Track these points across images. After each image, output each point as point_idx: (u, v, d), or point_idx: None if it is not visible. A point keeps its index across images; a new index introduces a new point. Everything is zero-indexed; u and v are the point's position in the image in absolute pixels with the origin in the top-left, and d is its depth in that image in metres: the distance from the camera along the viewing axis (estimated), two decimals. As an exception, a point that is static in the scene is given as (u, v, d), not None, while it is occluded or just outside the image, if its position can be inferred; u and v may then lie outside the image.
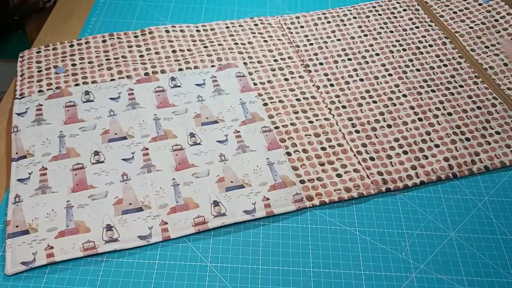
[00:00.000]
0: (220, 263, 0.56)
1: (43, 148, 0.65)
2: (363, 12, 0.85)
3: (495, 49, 0.78)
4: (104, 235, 0.57)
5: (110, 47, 0.79)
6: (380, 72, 0.75)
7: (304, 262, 0.56)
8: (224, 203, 0.60)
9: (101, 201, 0.60)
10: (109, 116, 0.69)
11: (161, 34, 0.81)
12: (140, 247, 0.57)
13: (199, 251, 0.57)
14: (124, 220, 0.58)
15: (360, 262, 0.56)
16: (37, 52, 0.78)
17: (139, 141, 0.66)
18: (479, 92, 0.73)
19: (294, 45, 0.80)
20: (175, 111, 0.70)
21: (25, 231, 0.57)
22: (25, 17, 1.04)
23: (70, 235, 0.57)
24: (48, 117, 0.69)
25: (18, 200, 0.60)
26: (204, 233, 0.58)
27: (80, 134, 0.67)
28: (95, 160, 0.64)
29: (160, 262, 0.56)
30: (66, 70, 0.75)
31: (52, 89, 0.73)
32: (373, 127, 0.68)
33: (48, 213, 0.58)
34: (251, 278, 0.54)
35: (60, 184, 0.61)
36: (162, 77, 0.75)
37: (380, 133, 0.67)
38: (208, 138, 0.67)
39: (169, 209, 0.59)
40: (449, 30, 0.81)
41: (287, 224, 0.59)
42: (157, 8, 0.89)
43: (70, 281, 0.54)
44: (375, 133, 0.67)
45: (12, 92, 0.74)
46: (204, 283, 0.54)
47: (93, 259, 0.56)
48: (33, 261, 0.54)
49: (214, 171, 0.63)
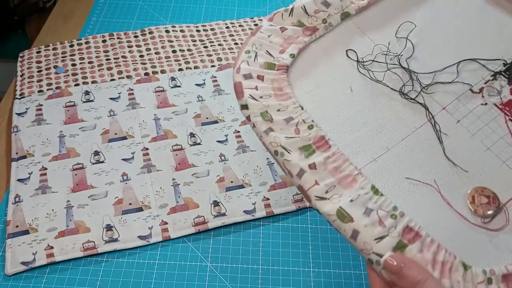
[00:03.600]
0: (220, 263, 0.56)
1: (43, 148, 0.65)
2: (364, 12, 0.85)
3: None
4: (104, 235, 0.57)
5: (110, 47, 0.79)
6: (380, 72, 0.75)
7: (304, 262, 0.56)
8: (224, 203, 0.60)
9: (101, 201, 0.60)
10: (109, 116, 0.69)
11: (161, 34, 0.81)
12: (140, 247, 0.57)
13: (199, 251, 0.57)
14: (124, 220, 0.58)
15: (360, 262, 0.56)
16: (37, 52, 0.78)
17: (139, 141, 0.66)
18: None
19: (295, 45, 0.79)
20: (175, 111, 0.70)
21: (25, 231, 0.57)
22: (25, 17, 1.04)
23: (70, 235, 0.57)
24: (48, 117, 0.69)
25: (18, 200, 0.60)
26: (204, 233, 0.58)
27: (80, 134, 0.67)
28: (95, 160, 0.64)
29: (160, 262, 0.55)
30: (66, 70, 0.75)
31: (52, 89, 0.73)
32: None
33: (48, 213, 0.58)
34: (251, 278, 0.54)
35: (60, 184, 0.61)
36: (162, 77, 0.75)
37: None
38: (208, 138, 0.67)
39: (169, 209, 0.59)
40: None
41: (287, 224, 0.59)
42: (157, 8, 0.89)
43: (70, 281, 0.54)
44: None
45: (12, 92, 0.73)
46: (204, 283, 0.54)
47: (93, 259, 0.56)
48: (33, 261, 0.54)
49: (214, 171, 0.63)
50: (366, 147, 0.41)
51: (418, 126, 0.42)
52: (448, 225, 0.38)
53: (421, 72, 0.44)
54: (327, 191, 0.38)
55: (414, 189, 0.39)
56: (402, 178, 0.40)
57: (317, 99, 0.43)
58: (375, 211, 0.37)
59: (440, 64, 0.44)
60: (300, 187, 0.39)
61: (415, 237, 0.36)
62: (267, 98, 0.42)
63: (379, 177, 0.39)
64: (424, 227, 0.37)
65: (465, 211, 0.38)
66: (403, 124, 0.42)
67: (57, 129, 0.67)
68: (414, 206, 0.38)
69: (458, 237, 0.37)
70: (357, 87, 0.44)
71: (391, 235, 0.36)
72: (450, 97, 0.43)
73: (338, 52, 0.46)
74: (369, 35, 0.47)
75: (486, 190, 0.39)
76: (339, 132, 0.41)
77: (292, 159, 0.39)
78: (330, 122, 0.42)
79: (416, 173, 0.40)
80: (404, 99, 0.43)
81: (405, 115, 0.43)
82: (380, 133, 0.42)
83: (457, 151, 0.41)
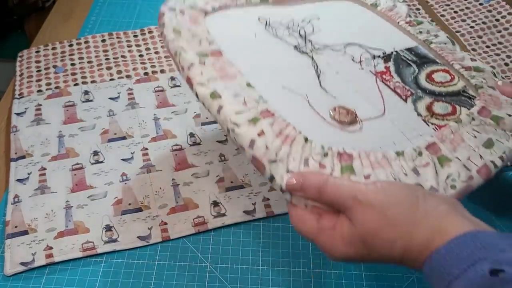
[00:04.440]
0: (220, 264, 0.55)
1: (42, 148, 0.65)
2: (364, 11, 0.85)
3: (496, 49, 0.77)
4: (103, 236, 0.57)
5: (109, 46, 0.79)
6: (380, 72, 0.75)
7: (304, 262, 0.56)
8: (224, 203, 0.60)
9: (100, 201, 0.60)
10: (109, 116, 0.69)
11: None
12: (139, 247, 0.57)
13: (199, 252, 0.56)
14: (123, 221, 0.58)
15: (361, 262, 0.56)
16: (36, 52, 0.78)
17: (139, 141, 0.66)
18: (480, 91, 0.72)
19: (294, 45, 0.80)
20: (174, 111, 0.70)
21: (24, 231, 0.57)
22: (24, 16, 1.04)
23: (69, 235, 0.56)
24: (47, 117, 0.69)
25: (17, 200, 0.59)
26: (204, 233, 0.58)
27: (79, 134, 0.66)
28: (94, 160, 0.64)
29: (159, 263, 0.55)
30: (65, 70, 0.75)
31: (51, 89, 0.73)
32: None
33: (47, 214, 0.58)
34: (251, 278, 0.54)
35: (59, 184, 0.61)
36: (162, 76, 0.74)
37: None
38: (208, 138, 0.66)
39: (168, 210, 0.59)
40: (450, 29, 0.81)
41: (287, 224, 0.59)
42: (157, 7, 0.88)
43: (69, 281, 0.54)
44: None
45: (11, 92, 0.73)
46: (204, 284, 0.54)
47: (92, 260, 0.55)
48: (32, 262, 0.54)
49: (214, 171, 0.63)
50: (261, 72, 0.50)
51: (304, 66, 0.53)
52: (307, 120, 0.46)
53: (315, 42, 0.56)
54: None
55: (288, 95, 0.49)
56: (280, 87, 0.49)
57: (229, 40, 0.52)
58: (241, 97, 0.45)
59: (332, 44, 0.57)
60: (254, 157, 0.43)
61: (270, 116, 0.44)
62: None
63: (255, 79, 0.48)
64: (284, 117, 0.44)
65: (326, 116, 0.48)
66: (291, 65, 0.53)
67: (56, 129, 0.67)
68: (282, 105, 0.46)
69: (312, 128, 0.45)
70: (262, 36, 0.55)
71: (251, 111, 0.44)
72: (334, 59, 0.54)
73: (250, 17, 0.57)
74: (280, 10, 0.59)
75: (347, 107, 0.48)
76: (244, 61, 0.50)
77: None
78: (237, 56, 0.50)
79: (293, 87, 0.49)
80: (297, 52, 0.54)
81: (295, 59, 0.53)
82: (267, 58, 0.53)
83: (330, 86, 0.51)
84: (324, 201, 0.40)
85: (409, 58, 0.57)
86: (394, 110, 0.50)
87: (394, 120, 0.49)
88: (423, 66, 0.56)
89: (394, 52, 0.57)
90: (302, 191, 0.40)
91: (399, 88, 0.53)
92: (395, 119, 0.49)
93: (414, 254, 0.37)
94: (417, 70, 0.55)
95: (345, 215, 0.39)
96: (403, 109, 0.51)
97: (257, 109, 0.44)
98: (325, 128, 0.47)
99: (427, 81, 0.54)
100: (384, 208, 0.37)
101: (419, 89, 0.53)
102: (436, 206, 0.38)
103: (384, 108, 0.51)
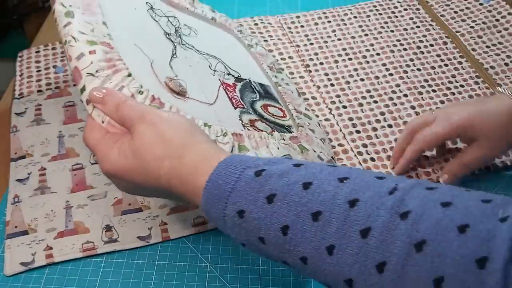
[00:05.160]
0: (220, 264, 0.55)
1: (42, 148, 0.65)
2: (364, 11, 0.85)
3: (496, 49, 0.77)
4: (103, 236, 0.57)
5: (109, 46, 0.79)
6: (380, 72, 0.75)
7: (304, 262, 0.56)
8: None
9: (100, 201, 0.60)
10: (109, 116, 0.69)
11: (161, 33, 0.81)
12: (139, 247, 0.56)
13: (199, 252, 0.56)
14: (123, 221, 0.58)
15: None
16: (36, 52, 0.78)
17: (139, 141, 0.66)
18: (480, 92, 0.72)
19: (294, 45, 0.80)
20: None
21: (24, 231, 0.57)
22: (24, 16, 1.04)
23: (69, 235, 0.56)
24: (47, 117, 0.68)
25: (17, 200, 0.59)
26: (204, 233, 0.58)
27: (79, 134, 0.66)
28: (94, 160, 0.64)
29: (159, 263, 0.55)
30: (65, 70, 0.75)
31: (51, 89, 0.72)
32: (374, 127, 0.68)
33: (47, 214, 0.58)
34: (251, 278, 0.54)
35: (59, 184, 0.61)
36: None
37: (381, 133, 0.67)
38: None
39: (168, 210, 0.59)
40: (450, 29, 0.81)
41: (288, 225, 0.59)
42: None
43: (69, 281, 0.53)
44: (375, 133, 0.67)
45: (11, 92, 0.73)
46: (204, 284, 0.54)
47: (92, 260, 0.55)
48: (32, 262, 0.54)
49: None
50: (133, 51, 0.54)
51: (163, 46, 0.58)
52: (140, 70, 0.51)
53: (185, 40, 0.63)
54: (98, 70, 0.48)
55: (136, 51, 0.53)
56: (133, 44, 0.54)
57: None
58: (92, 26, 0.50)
59: (199, 49, 0.63)
60: (76, 68, 0.47)
61: (108, 47, 0.49)
62: None
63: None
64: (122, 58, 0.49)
65: (160, 79, 0.53)
66: (153, 38, 0.58)
67: (56, 129, 0.67)
68: (125, 53, 0.50)
69: (141, 74, 0.50)
70: (141, 11, 0.60)
71: (93, 38, 0.49)
72: (193, 57, 0.61)
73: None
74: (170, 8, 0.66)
75: (182, 83, 0.54)
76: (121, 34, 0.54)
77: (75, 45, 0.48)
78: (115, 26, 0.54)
79: (144, 49, 0.55)
80: (165, 37, 0.60)
81: (159, 38, 0.59)
82: (135, 24, 0.58)
83: (177, 68, 0.56)
84: (119, 118, 0.45)
85: (257, 88, 0.64)
86: (221, 107, 0.56)
87: (218, 112, 0.55)
88: (264, 98, 0.63)
89: (247, 79, 0.64)
90: (102, 104, 0.45)
91: (235, 99, 0.59)
92: (218, 111, 0.55)
93: (182, 178, 0.41)
94: (258, 98, 0.62)
95: (129, 133, 0.44)
96: (230, 111, 0.57)
97: (99, 38, 0.49)
98: (152, 80, 0.51)
99: (262, 108, 0.60)
100: (163, 128, 0.43)
101: (251, 109, 0.59)
102: (207, 140, 0.44)
103: (214, 102, 0.56)
